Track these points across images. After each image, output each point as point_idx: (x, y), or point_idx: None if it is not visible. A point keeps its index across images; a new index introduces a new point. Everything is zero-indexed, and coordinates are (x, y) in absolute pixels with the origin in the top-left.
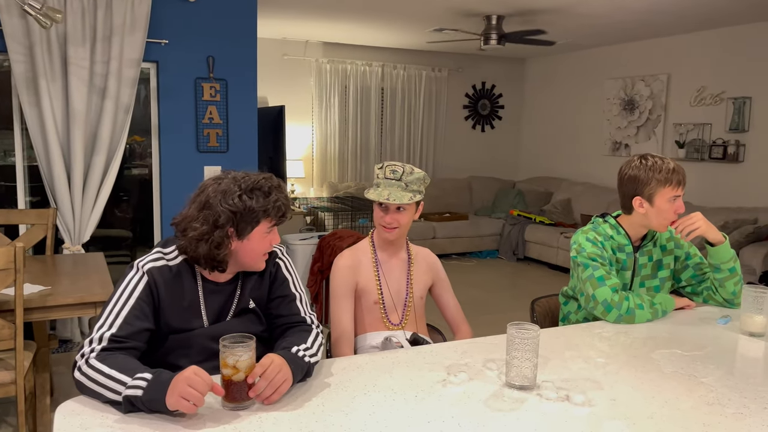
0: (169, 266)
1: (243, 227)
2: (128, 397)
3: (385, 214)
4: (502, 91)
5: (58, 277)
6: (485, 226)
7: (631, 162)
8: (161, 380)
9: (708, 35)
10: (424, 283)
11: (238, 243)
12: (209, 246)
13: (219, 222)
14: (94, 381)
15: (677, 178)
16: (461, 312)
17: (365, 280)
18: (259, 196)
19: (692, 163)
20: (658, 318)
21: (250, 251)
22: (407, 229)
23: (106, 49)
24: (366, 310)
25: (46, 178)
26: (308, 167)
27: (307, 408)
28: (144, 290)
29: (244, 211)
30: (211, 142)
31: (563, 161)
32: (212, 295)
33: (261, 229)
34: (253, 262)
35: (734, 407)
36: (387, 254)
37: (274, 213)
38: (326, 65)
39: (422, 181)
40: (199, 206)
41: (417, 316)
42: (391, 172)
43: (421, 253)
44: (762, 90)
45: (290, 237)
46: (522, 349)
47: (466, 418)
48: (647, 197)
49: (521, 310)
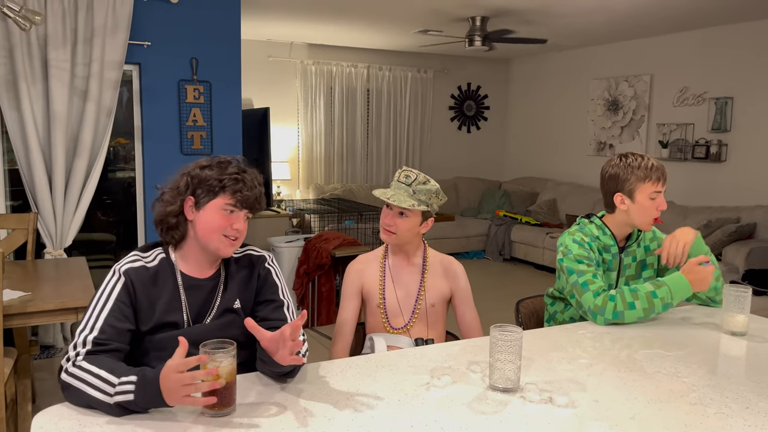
0: (146, 266)
1: (201, 196)
2: (120, 404)
3: (387, 215)
4: (487, 92)
5: (39, 282)
6: (471, 226)
7: (612, 160)
8: (147, 381)
9: (690, 36)
10: (438, 290)
11: (196, 215)
12: (163, 208)
13: (177, 186)
14: (83, 381)
15: (657, 175)
16: (476, 325)
17: (370, 284)
18: (219, 169)
19: (675, 163)
20: (661, 312)
21: (204, 224)
22: (410, 237)
23: (88, 51)
24: (371, 313)
25: (27, 182)
26: (294, 169)
27: (289, 414)
28: (121, 291)
29: (202, 178)
30: (195, 144)
31: (548, 162)
32: (192, 291)
33: (217, 203)
34: (209, 238)
35: (716, 407)
36: (399, 259)
37: (231, 186)
38: (311, 67)
39: (433, 193)
40: (168, 182)
41: (429, 322)
42: (404, 176)
43: (442, 260)
44: (743, 90)
45: (276, 239)
46: (505, 352)
47: (449, 421)
48: (628, 193)
49: (507, 310)
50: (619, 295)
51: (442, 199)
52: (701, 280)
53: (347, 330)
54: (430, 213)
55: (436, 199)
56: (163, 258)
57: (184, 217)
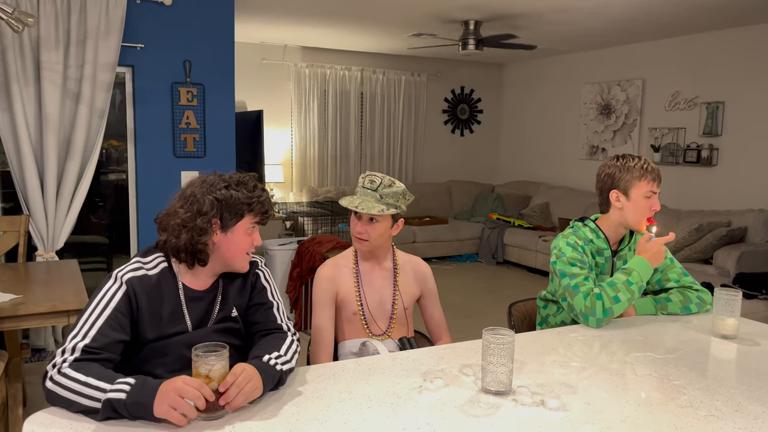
0: (149, 275)
1: (227, 218)
2: (110, 400)
3: (357, 223)
4: (480, 95)
5: (30, 285)
6: (465, 230)
7: (609, 160)
8: (148, 385)
9: (682, 41)
10: (411, 294)
11: (221, 236)
12: (191, 233)
13: (203, 210)
14: (69, 389)
15: (653, 175)
16: (444, 324)
17: (345, 291)
18: (243, 189)
19: (667, 167)
20: (638, 297)
21: (233, 246)
22: (382, 241)
23: (80, 53)
24: (346, 320)
25: (19, 184)
26: (287, 172)
27: (281, 417)
28: (122, 301)
29: (230, 201)
30: (189, 147)
31: (541, 165)
32: (193, 302)
33: (245, 223)
34: (236, 258)
35: (706, 410)
36: (369, 264)
37: (258, 208)
38: (305, 69)
39: (400, 195)
40: (184, 200)
41: (405, 325)
42: (369, 182)
43: (410, 262)
44: (734, 95)
45: (269, 242)
46: (497, 355)
47: (441, 424)
48: (623, 191)
49: (500, 313)
50: (603, 292)
51: (409, 198)
52: (656, 253)
53: (327, 337)
54: (399, 215)
55: (404, 200)
56: (165, 267)
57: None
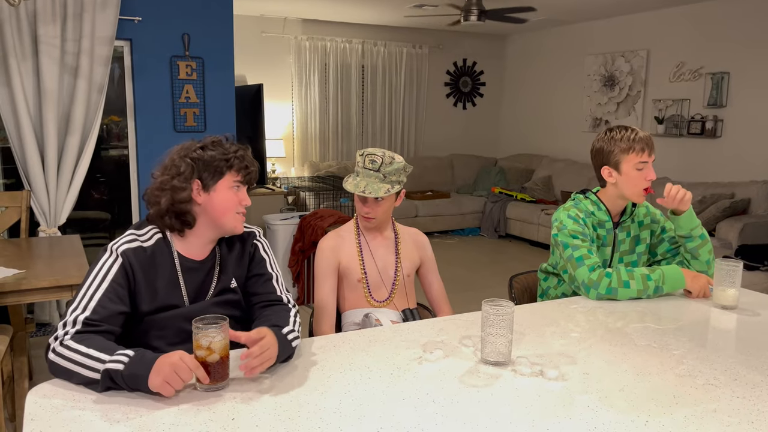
0: (143, 247)
1: (207, 178)
2: (109, 371)
3: (364, 204)
4: (483, 68)
5: (33, 260)
6: (467, 203)
7: (599, 135)
8: (145, 358)
9: (687, 10)
10: (412, 261)
11: (206, 197)
12: (170, 194)
13: (180, 171)
14: (71, 360)
15: (640, 146)
16: (444, 293)
17: (348, 259)
18: (219, 148)
19: (671, 139)
20: (651, 296)
21: (218, 204)
22: (388, 215)
23: (78, 26)
24: (349, 289)
25: (19, 159)
26: (289, 146)
27: (282, 388)
28: (118, 272)
29: (206, 159)
30: (189, 121)
31: (544, 138)
32: (190, 273)
33: (226, 181)
34: (225, 217)
35: (704, 379)
36: (371, 234)
37: (237, 164)
38: (305, 42)
39: (402, 170)
40: (163, 168)
41: (407, 293)
42: (370, 162)
43: (409, 232)
44: (740, 65)
45: (271, 217)
46: (497, 326)
47: (440, 394)
48: (614, 165)
49: (502, 286)
50: (616, 273)
51: (409, 170)
52: (698, 283)
53: (330, 309)
54: (400, 189)
55: (405, 173)
56: (160, 238)
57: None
